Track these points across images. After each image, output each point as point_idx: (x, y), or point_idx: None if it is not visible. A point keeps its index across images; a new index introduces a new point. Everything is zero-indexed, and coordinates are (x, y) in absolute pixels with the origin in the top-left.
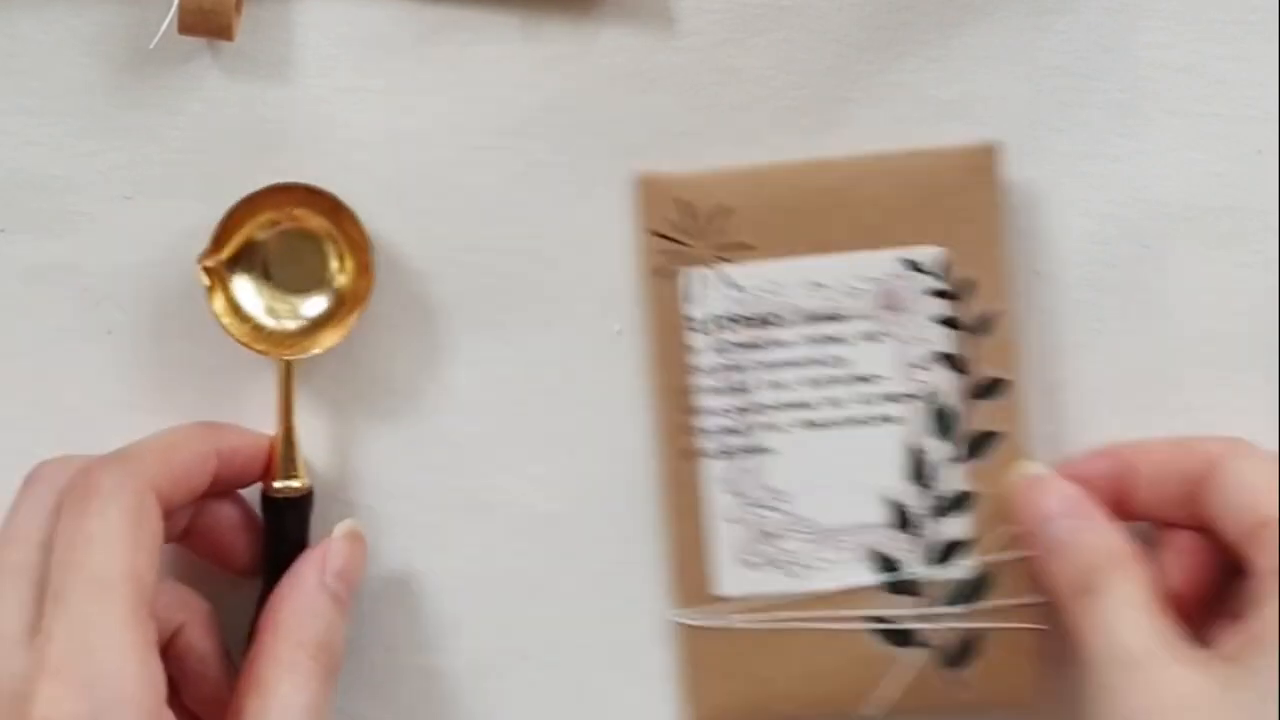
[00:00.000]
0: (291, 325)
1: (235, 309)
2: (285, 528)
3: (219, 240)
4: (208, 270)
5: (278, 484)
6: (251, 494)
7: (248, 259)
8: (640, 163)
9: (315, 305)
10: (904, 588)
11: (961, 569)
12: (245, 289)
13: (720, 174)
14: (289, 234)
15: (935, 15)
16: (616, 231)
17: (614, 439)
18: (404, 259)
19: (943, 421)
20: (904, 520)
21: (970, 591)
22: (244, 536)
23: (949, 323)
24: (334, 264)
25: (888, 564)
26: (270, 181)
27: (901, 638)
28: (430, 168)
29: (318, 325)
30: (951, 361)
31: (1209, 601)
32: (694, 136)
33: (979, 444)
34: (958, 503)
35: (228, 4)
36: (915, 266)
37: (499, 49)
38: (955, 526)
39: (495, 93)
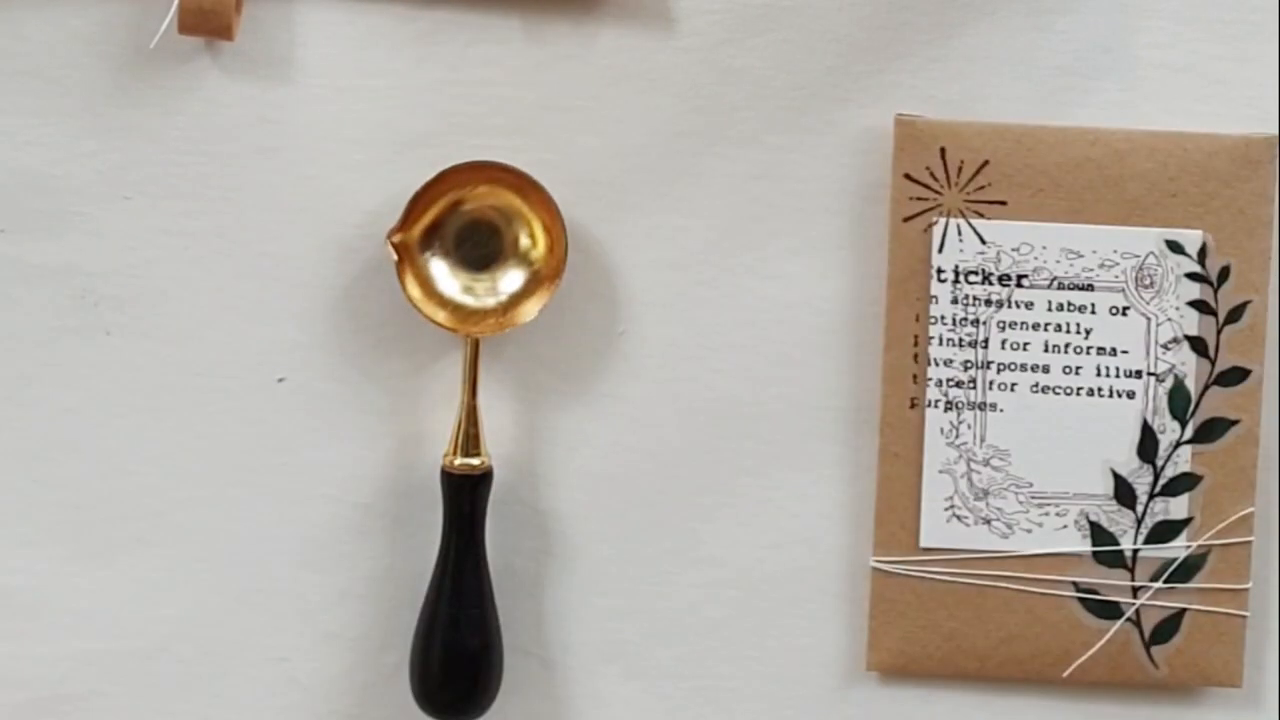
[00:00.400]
0: (490, 302)
1: (425, 285)
2: (462, 505)
3: (408, 216)
4: (395, 246)
5: (457, 462)
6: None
7: (436, 236)
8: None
9: (512, 281)
10: (1114, 560)
11: (1175, 549)
12: (437, 266)
13: (981, 126)
14: (476, 211)
15: (935, 15)
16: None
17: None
18: None
19: (1179, 403)
20: (1125, 494)
21: (1180, 572)
22: None
23: (1200, 307)
24: (524, 240)
25: (1101, 535)
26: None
27: (1105, 609)
28: (430, 167)
29: (512, 302)
30: (1197, 345)
31: None
32: (694, 137)
33: (1212, 429)
34: (1181, 484)
35: (228, 4)
36: (1176, 248)
37: (500, 49)
38: (1175, 506)
39: (496, 92)
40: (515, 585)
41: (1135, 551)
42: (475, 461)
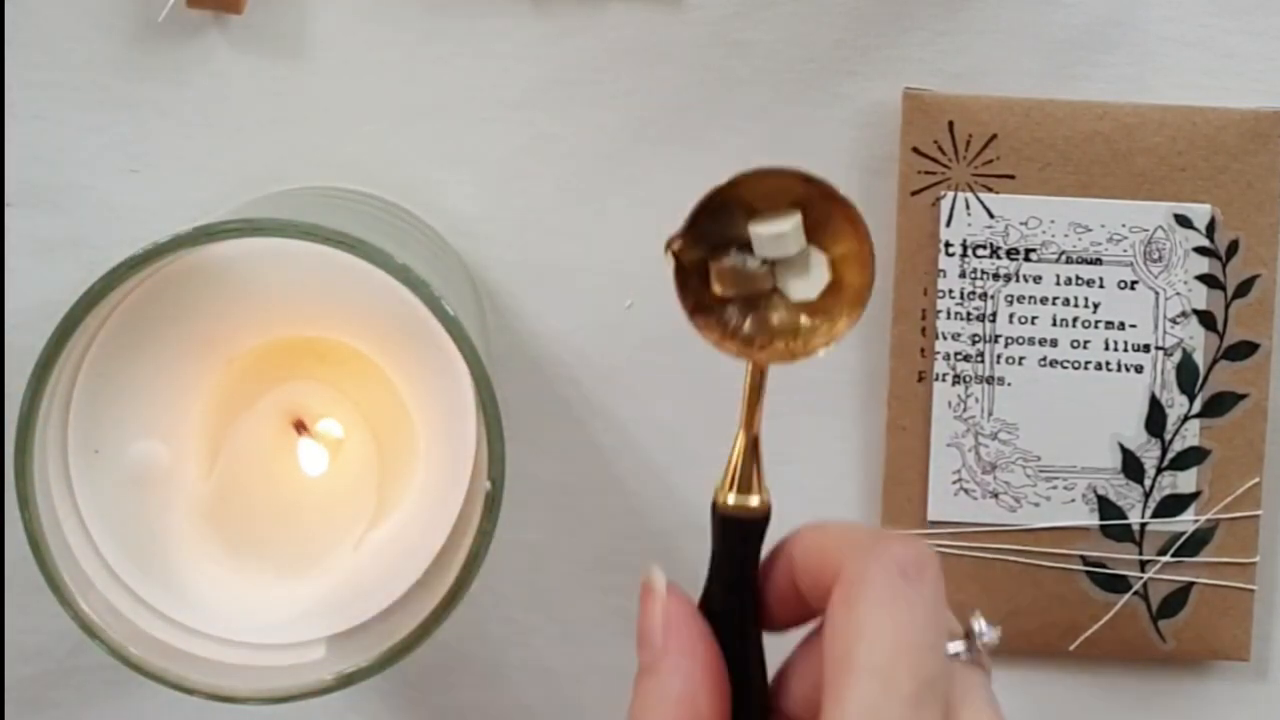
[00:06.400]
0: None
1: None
2: (733, 550)
3: (693, 223)
4: (676, 255)
5: (732, 500)
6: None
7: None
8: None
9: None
10: (1122, 534)
11: (1183, 523)
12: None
13: (989, 100)
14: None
15: None
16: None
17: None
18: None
19: (1188, 377)
20: (1133, 468)
21: (1188, 546)
22: None
23: (1209, 281)
24: (823, 256)
25: (1109, 509)
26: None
27: (1113, 583)
28: (439, 139)
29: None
30: (1206, 319)
31: None
32: (702, 110)
33: (1220, 403)
34: (1190, 458)
35: None
36: (1185, 222)
37: (509, 21)
38: (1183, 480)
39: (504, 65)
40: (520, 559)
41: (1143, 525)
42: (753, 502)
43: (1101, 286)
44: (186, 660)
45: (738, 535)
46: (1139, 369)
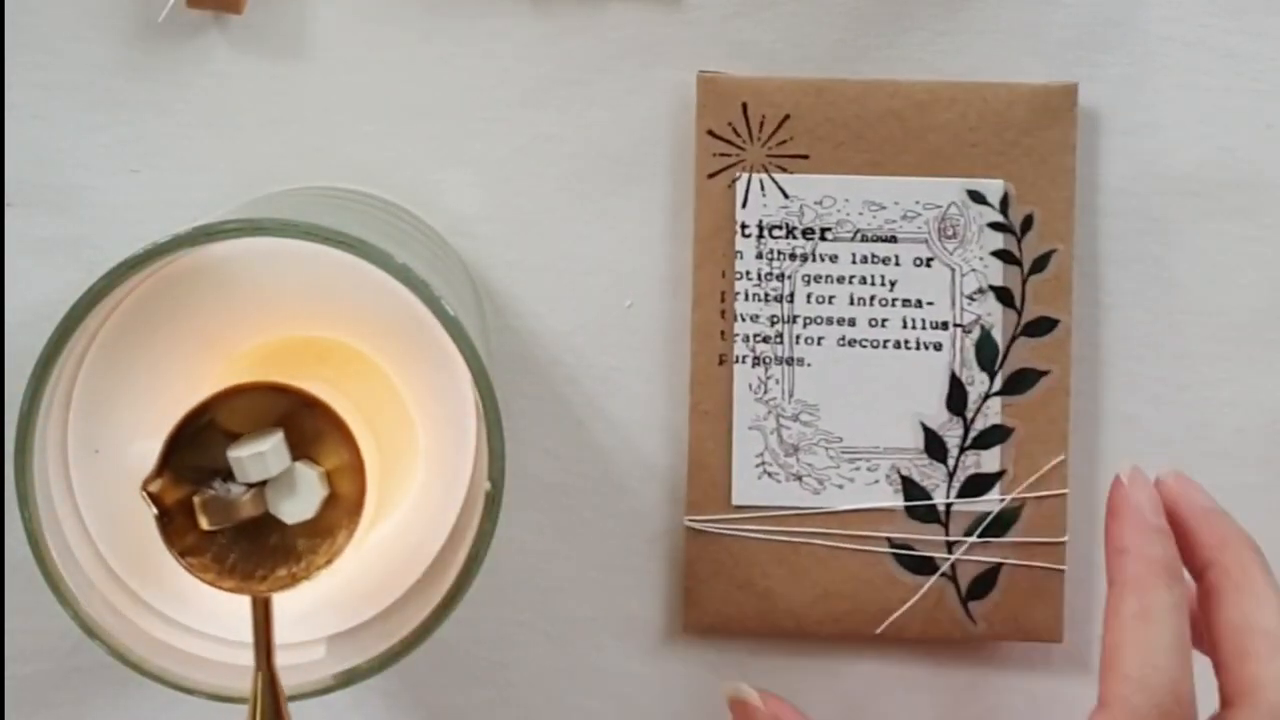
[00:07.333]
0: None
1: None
2: None
3: (169, 457)
4: (154, 496)
5: None
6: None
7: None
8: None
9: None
10: (928, 515)
11: (988, 503)
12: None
13: (782, 81)
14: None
15: None
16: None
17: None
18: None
19: (987, 354)
20: (936, 448)
21: (995, 526)
22: None
23: (1005, 257)
24: (313, 471)
25: (913, 489)
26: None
27: (920, 565)
28: (439, 139)
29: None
30: (1003, 296)
31: None
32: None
33: (1021, 380)
34: (992, 436)
35: None
36: (978, 198)
37: (508, 21)
38: (987, 459)
39: (504, 65)
40: (520, 559)
41: (948, 505)
42: None
43: (897, 264)
44: (186, 660)
45: None
46: (938, 347)
